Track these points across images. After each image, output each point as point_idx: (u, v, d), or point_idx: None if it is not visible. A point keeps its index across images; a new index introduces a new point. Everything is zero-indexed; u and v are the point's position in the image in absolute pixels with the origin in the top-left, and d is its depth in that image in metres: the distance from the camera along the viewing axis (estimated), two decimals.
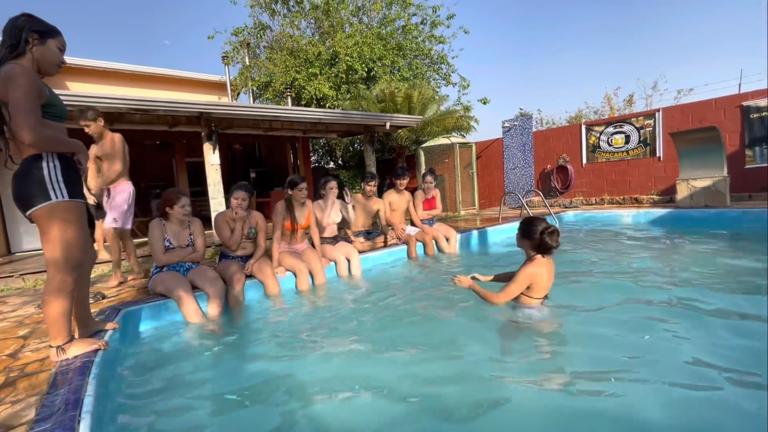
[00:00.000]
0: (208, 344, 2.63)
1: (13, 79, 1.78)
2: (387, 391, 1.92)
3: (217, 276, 3.24)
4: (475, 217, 8.50)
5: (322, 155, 15.67)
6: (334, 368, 2.17)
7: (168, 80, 9.91)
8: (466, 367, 2.11)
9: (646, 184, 8.32)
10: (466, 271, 4.31)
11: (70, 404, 1.52)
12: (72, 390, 1.64)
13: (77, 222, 1.97)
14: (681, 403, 1.69)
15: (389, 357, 2.26)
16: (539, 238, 2.44)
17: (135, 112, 5.63)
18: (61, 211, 1.90)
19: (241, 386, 2.05)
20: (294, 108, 7.29)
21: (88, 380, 1.74)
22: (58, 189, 1.89)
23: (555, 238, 2.44)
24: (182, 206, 3.20)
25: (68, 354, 1.99)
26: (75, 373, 1.82)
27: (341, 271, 4.04)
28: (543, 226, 2.45)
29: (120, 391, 2.04)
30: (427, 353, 2.29)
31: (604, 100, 15.28)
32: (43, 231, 1.91)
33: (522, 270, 2.53)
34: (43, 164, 1.88)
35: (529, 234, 2.50)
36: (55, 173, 1.90)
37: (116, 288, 3.80)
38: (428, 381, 1.98)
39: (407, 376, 2.03)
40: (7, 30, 1.89)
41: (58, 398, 1.59)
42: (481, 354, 2.26)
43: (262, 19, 13.09)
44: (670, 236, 5.29)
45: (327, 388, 1.97)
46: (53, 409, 1.51)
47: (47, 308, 1.94)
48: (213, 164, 6.03)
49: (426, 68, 13.22)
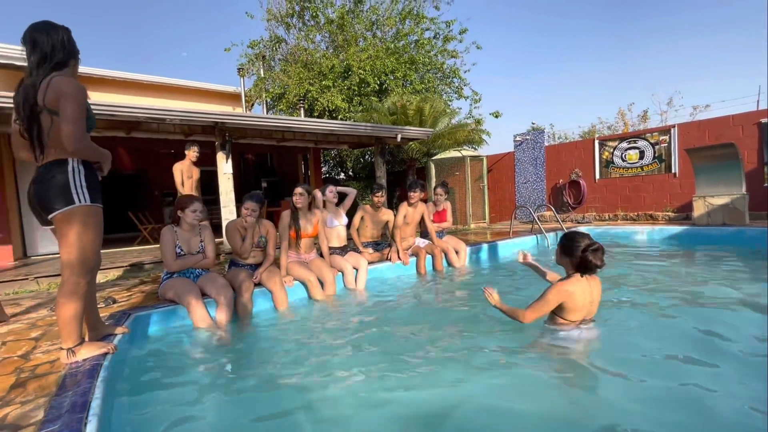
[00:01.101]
0: (216, 351, 2.64)
1: (69, 92, 1.86)
2: (392, 408, 1.88)
3: (227, 283, 3.25)
4: (485, 230, 8.42)
5: (333, 166, 15.78)
6: (339, 380, 2.14)
7: (184, 90, 10.12)
8: (472, 390, 2.01)
9: (661, 201, 8.18)
10: (473, 285, 4.27)
11: (77, 406, 1.54)
12: (80, 392, 1.67)
13: (96, 226, 2.02)
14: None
15: (395, 374, 2.20)
16: (581, 255, 2.21)
17: (152, 121, 5.75)
18: (82, 215, 1.94)
19: (247, 394, 2.05)
20: (306, 119, 7.38)
21: (96, 383, 1.76)
22: (82, 194, 1.94)
23: (599, 256, 2.20)
24: (194, 210, 3.24)
25: (78, 356, 2.02)
26: (84, 375, 1.84)
27: (348, 281, 4.01)
28: (586, 243, 2.22)
29: (127, 394, 2.05)
30: (431, 374, 2.19)
31: (617, 116, 15.20)
32: (63, 234, 1.95)
33: (554, 287, 2.28)
34: (69, 168, 1.94)
35: (570, 251, 2.27)
36: (79, 178, 1.95)
37: (127, 293, 3.83)
38: (430, 402, 1.91)
39: (412, 395, 1.98)
40: (57, 43, 1.95)
41: (66, 400, 1.61)
42: (492, 378, 2.11)
43: (277, 32, 13.38)
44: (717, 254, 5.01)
45: (331, 399, 1.95)
46: (61, 410, 1.52)
47: (60, 310, 1.97)
48: (226, 173, 6.10)
49: (438, 82, 13.30)
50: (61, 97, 1.85)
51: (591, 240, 2.24)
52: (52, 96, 1.86)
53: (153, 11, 45.43)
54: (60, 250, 1.98)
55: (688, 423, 1.67)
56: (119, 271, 5.03)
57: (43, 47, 1.92)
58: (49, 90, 1.87)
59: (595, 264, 2.19)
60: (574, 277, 2.28)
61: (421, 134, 8.35)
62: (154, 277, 4.64)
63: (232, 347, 2.71)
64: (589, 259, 2.18)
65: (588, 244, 2.21)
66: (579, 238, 2.26)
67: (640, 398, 1.84)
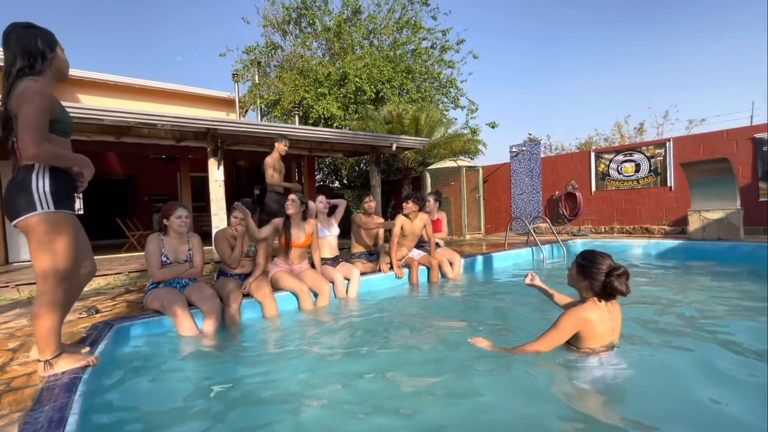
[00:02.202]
0: (202, 363, 2.55)
1: (28, 97, 1.81)
2: (381, 423, 1.81)
3: (214, 294, 3.14)
4: (480, 241, 8.35)
5: (327, 174, 15.68)
6: (328, 393, 2.08)
7: (177, 95, 10.02)
8: (465, 408, 1.91)
9: (656, 214, 8.17)
10: (466, 298, 4.17)
11: (54, 422, 1.48)
12: (57, 407, 1.60)
13: (66, 234, 1.93)
14: None
15: (384, 388, 2.14)
16: (603, 280, 1.91)
17: (143, 126, 5.63)
18: (46, 223, 1.87)
19: (234, 408, 1.98)
20: (301, 127, 7.29)
21: (74, 397, 1.71)
22: (45, 201, 1.87)
23: (624, 282, 1.89)
24: (179, 217, 3.13)
25: (56, 369, 1.95)
26: (61, 389, 1.78)
27: (339, 292, 3.90)
28: (609, 265, 1.93)
29: (108, 409, 1.96)
30: (421, 390, 2.09)
31: (614, 128, 15.31)
32: (30, 242, 1.89)
33: (569, 314, 1.98)
34: (33, 176, 1.87)
35: (589, 273, 1.97)
36: (43, 185, 1.88)
37: (111, 302, 3.68)
38: (421, 418, 1.83)
39: (401, 409, 1.90)
40: (18, 47, 1.89)
41: (42, 415, 1.54)
42: (488, 397, 1.96)
43: (273, 38, 13.34)
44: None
45: (319, 413, 1.89)
46: (36, 426, 1.46)
47: (36, 321, 1.90)
48: (217, 180, 5.98)
49: (434, 91, 13.32)
50: (19, 102, 1.81)
51: (613, 262, 1.96)
52: (14, 101, 1.83)
53: (150, 14, 45.45)
54: (32, 260, 1.90)
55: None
56: (104, 280, 4.86)
57: (11, 54, 1.89)
58: (12, 96, 1.85)
59: (620, 291, 1.90)
60: (591, 302, 1.99)
61: (417, 144, 8.30)
62: (139, 286, 4.49)
63: (219, 359, 2.61)
64: (613, 286, 1.89)
65: (612, 267, 1.93)
66: (600, 259, 1.97)
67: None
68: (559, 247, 6.56)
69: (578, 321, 1.96)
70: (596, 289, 1.96)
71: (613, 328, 2.02)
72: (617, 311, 2.05)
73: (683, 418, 1.73)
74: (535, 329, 2.93)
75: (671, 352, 2.36)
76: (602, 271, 1.93)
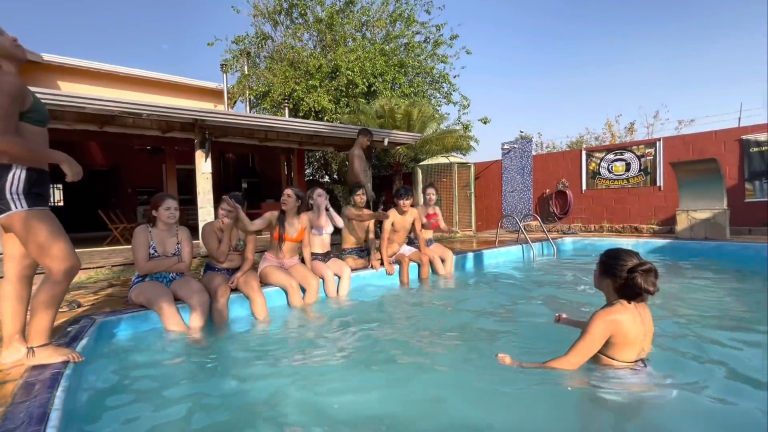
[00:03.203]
0: (189, 359, 2.48)
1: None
2: (365, 418, 1.78)
3: (202, 288, 3.06)
4: (471, 239, 8.34)
5: (317, 168, 15.51)
6: (314, 388, 2.05)
7: (163, 85, 9.75)
8: (458, 408, 1.85)
9: (646, 213, 8.26)
10: (458, 295, 4.13)
11: (34, 418, 1.44)
12: (38, 403, 1.56)
13: (50, 227, 1.94)
14: None
15: (372, 386, 2.10)
16: (627, 277, 1.78)
17: (128, 116, 5.44)
18: (22, 222, 1.87)
19: (219, 402, 1.94)
20: (291, 119, 7.16)
21: (57, 393, 1.65)
22: (17, 200, 1.86)
23: (651, 279, 1.75)
24: (167, 208, 3.04)
25: (36, 359, 1.95)
26: (43, 385, 1.72)
27: (329, 290, 3.81)
28: (634, 262, 1.79)
29: (91, 405, 1.90)
30: (410, 388, 2.04)
31: (605, 127, 15.44)
32: (20, 240, 1.93)
33: (596, 318, 1.81)
34: (9, 175, 1.84)
35: (612, 270, 1.83)
36: (17, 184, 1.85)
37: (94, 296, 3.54)
38: (406, 417, 1.80)
39: (387, 407, 1.88)
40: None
41: (22, 412, 1.50)
42: (480, 398, 1.90)
43: (264, 29, 13.09)
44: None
45: (304, 408, 1.86)
46: (16, 422, 1.42)
47: (39, 315, 1.95)
48: (204, 173, 5.82)
49: (427, 86, 13.25)
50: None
51: (640, 259, 1.81)
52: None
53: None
54: (39, 259, 1.95)
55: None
56: (85, 273, 4.69)
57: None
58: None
59: (646, 289, 1.74)
60: (620, 304, 1.83)
61: (409, 139, 8.23)
62: (123, 280, 4.34)
63: (206, 355, 2.53)
64: (637, 283, 1.74)
65: (637, 264, 1.78)
66: (625, 255, 1.83)
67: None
68: (549, 244, 6.58)
69: (608, 324, 1.79)
70: (618, 287, 1.82)
71: (645, 333, 1.85)
72: (648, 315, 1.90)
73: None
74: (529, 326, 2.94)
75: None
76: (626, 267, 1.79)
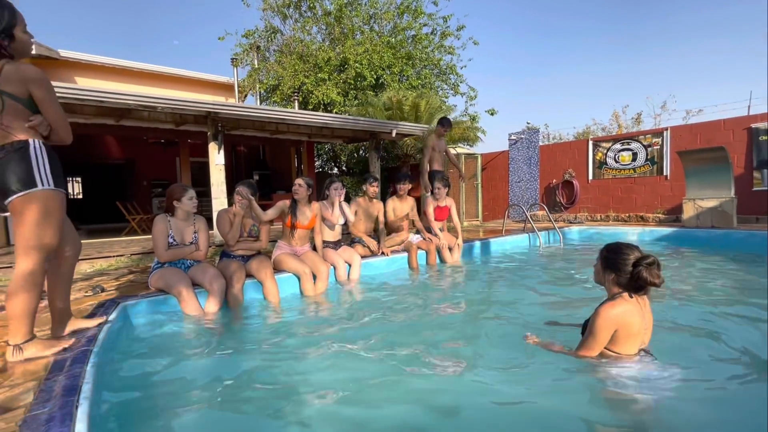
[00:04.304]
0: (206, 341, 2.61)
1: (37, 80, 1.85)
2: (377, 401, 1.85)
3: (218, 273, 3.21)
4: (478, 228, 8.44)
5: (326, 161, 15.66)
6: (327, 373, 2.13)
7: (176, 79, 9.94)
8: (471, 391, 1.91)
9: (652, 203, 8.27)
10: (465, 282, 4.27)
11: (68, 389, 1.54)
12: (70, 376, 1.66)
13: (57, 212, 1.92)
14: None
15: (384, 368, 2.17)
16: (631, 271, 1.78)
17: (143, 109, 5.63)
18: (42, 200, 1.86)
19: (234, 383, 2.05)
20: (301, 111, 7.29)
21: (86, 368, 1.75)
22: (45, 178, 1.87)
23: (655, 272, 1.75)
24: (190, 198, 3.21)
25: (25, 354, 1.90)
26: (73, 360, 1.84)
27: (340, 276, 3.97)
28: (636, 256, 1.79)
29: (116, 380, 2.03)
30: (422, 373, 2.08)
31: (612, 117, 15.31)
32: (20, 220, 1.84)
33: (600, 314, 1.82)
34: (31, 152, 1.86)
35: (615, 265, 1.84)
36: (43, 162, 1.88)
37: (116, 282, 3.75)
38: (422, 401, 1.84)
39: (399, 391, 1.93)
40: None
41: (56, 384, 1.60)
42: (490, 381, 1.95)
43: (273, 22, 13.20)
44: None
45: (317, 392, 1.94)
46: (51, 393, 1.52)
47: (10, 301, 1.84)
48: (217, 164, 6.00)
49: (434, 78, 13.26)
50: (29, 84, 1.87)
51: (642, 252, 1.82)
52: (21, 85, 1.86)
53: None
54: (15, 238, 1.86)
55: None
56: (106, 261, 4.92)
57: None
58: (19, 80, 1.86)
59: (652, 282, 1.75)
60: (622, 298, 1.83)
61: (417, 130, 8.31)
62: (142, 268, 4.56)
63: (222, 337, 2.68)
64: (643, 276, 1.74)
65: (640, 257, 1.79)
66: (626, 249, 1.84)
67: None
68: (555, 233, 6.66)
69: (612, 319, 1.80)
70: (624, 282, 1.82)
71: (646, 327, 1.87)
72: (648, 308, 1.91)
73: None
74: (536, 309, 3.02)
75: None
76: (629, 261, 1.79)
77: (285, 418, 1.72)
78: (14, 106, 1.84)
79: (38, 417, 1.36)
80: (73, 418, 1.35)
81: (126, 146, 11.65)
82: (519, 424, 1.68)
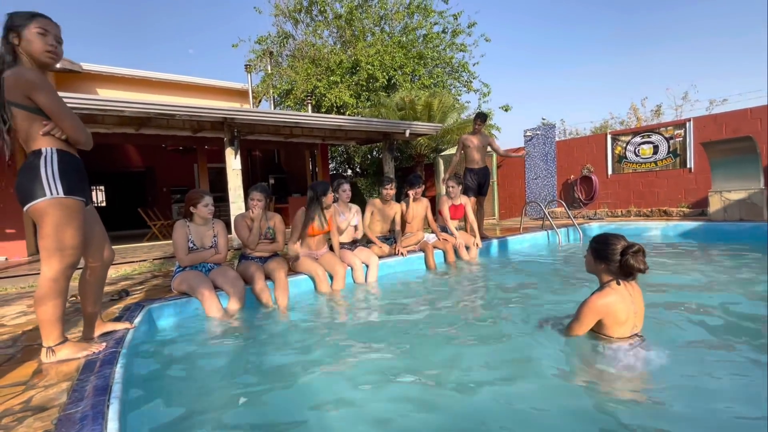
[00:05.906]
0: (228, 341, 2.67)
1: (35, 86, 1.80)
2: (399, 404, 1.83)
3: (238, 276, 3.27)
4: (494, 227, 8.35)
5: (340, 163, 15.75)
6: (347, 373, 2.13)
7: (192, 87, 10.14)
8: (485, 390, 1.89)
9: (675, 196, 8.04)
10: (483, 281, 4.21)
11: (99, 389, 1.59)
12: (101, 377, 1.72)
13: (74, 220, 1.90)
14: None
15: (406, 371, 2.14)
16: (619, 260, 1.93)
17: (162, 117, 5.75)
18: (53, 208, 1.84)
19: (257, 382, 2.08)
20: (314, 114, 7.35)
21: (116, 369, 1.81)
22: (54, 185, 1.84)
23: (641, 258, 1.90)
24: (206, 205, 3.26)
25: (58, 356, 1.95)
26: (103, 362, 1.90)
27: (357, 277, 3.98)
28: (623, 245, 1.94)
29: (144, 380, 2.08)
30: (441, 376, 2.05)
31: (630, 111, 14.94)
32: (39, 227, 1.86)
33: (587, 304, 1.99)
34: (41, 160, 1.85)
35: (604, 255, 1.98)
36: (52, 169, 1.85)
37: (140, 286, 3.83)
38: (439, 400, 1.83)
39: (419, 394, 1.90)
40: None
41: (87, 384, 1.66)
42: (509, 379, 1.96)
43: (285, 27, 13.35)
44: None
45: (338, 391, 1.94)
46: (83, 393, 1.57)
47: (39, 308, 1.89)
48: (234, 169, 6.09)
49: (446, 76, 13.20)
50: (30, 89, 1.83)
51: (627, 241, 1.96)
52: (19, 91, 1.83)
53: (159, 5, 45.64)
54: (38, 244, 1.88)
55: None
56: (130, 266, 5.04)
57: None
58: (16, 85, 1.82)
59: (638, 268, 1.90)
60: (610, 287, 1.98)
61: (430, 129, 8.28)
62: (165, 272, 4.65)
63: (244, 336, 2.74)
64: (630, 263, 1.90)
65: (626, 246, 1.93)
66: (613, 239, 1.98)
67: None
68: (575, 230, 6.54)
69: (598, 309, 1.96)
70: (614, 270, 1.96)
71: (636, 312, 1.99)
72: (638, 293, 2.03)
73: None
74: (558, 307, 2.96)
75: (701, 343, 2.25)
76: (617, 250, 1.94)
77: (308, 415, 1.74)
78: (24, 114, 1.83)
79: (72, 416, 1.41)
80: (104, 416, 1.39)
81: (146, 154, 11.94)
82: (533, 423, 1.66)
